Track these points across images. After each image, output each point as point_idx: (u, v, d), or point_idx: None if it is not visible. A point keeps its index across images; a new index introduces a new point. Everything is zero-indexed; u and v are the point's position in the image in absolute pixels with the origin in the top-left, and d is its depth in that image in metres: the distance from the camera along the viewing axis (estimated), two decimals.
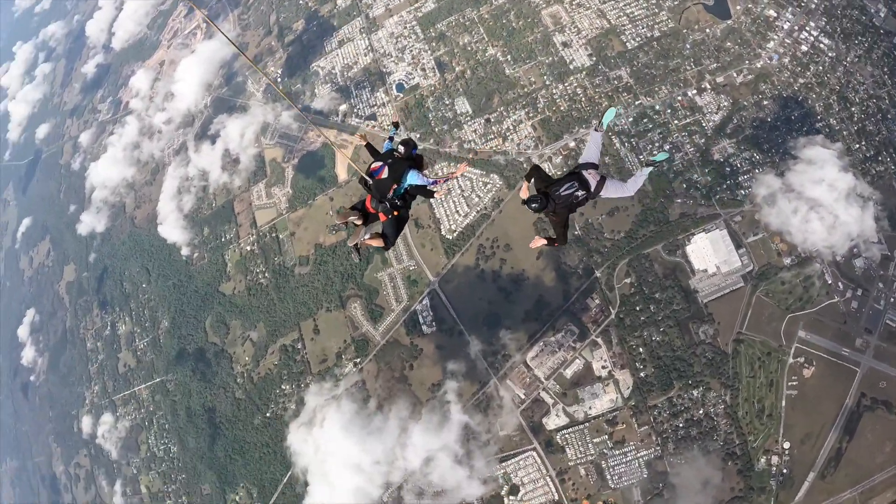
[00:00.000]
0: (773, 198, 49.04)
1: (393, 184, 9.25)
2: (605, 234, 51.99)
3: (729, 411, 47.21)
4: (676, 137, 52.31)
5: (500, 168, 56.17)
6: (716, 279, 49.24)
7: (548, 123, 55.68)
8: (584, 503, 50.66)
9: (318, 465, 55.51)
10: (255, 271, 61.08)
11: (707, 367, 48.01)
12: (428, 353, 54.45)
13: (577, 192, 9.23)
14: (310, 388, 56.51)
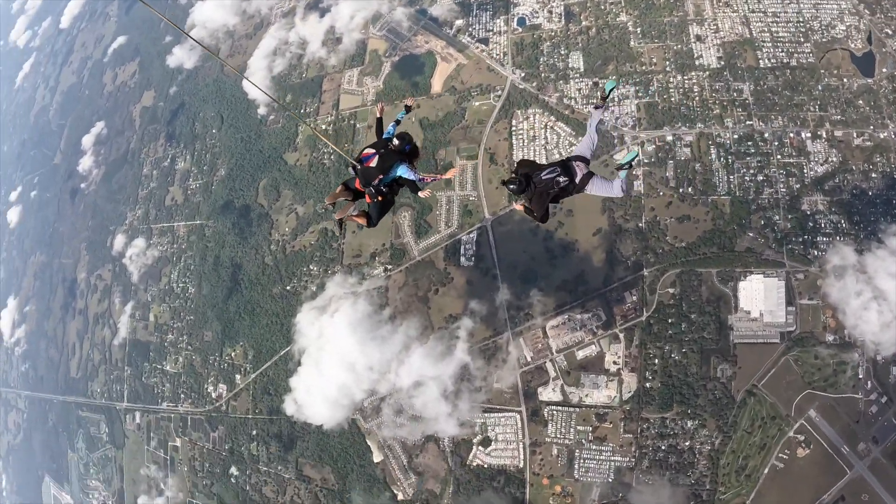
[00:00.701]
0: (842, 271, 48.60)
1: (380, 174, 9.94)
2: (668, 237, 52.87)
3: (713, 455, 48.76)
4: (774, 171, 52.11)
5: (584, 131, 56.80)
6: (754, 325, 49.85)
7: (653, 109, 55.89)
8: (545, 481, 53.76)
9: (315, 351, 60.15)
10: (322, 150, 64.65)
11: (711, 404, 49.34)
12: (456, 285, 57.23)
13: (559, 177, 9.77)
14: (335, 276, 60.55)
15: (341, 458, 59.77)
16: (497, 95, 60.60)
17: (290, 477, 62.59)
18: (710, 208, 51.81)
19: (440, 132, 61.04)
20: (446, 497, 55.85)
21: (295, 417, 61.01)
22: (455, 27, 64.87)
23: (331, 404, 58.05)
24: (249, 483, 65.31)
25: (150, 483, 76.47)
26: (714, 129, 54.02)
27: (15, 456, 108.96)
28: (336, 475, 60.12)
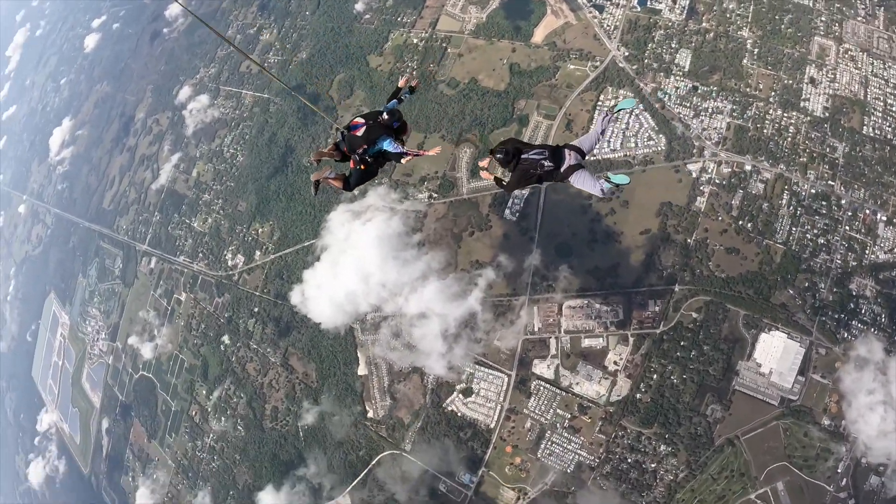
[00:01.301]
0: (864, 364, 48.74)
1: (364, 144, 10.84)
2: (711, 263, 53.39)
3: (672, 486, 50.63)
4: (836, 240, 51.94)
5: (671, 135, 56.98)
6: (760, 379, 50.74)
7: (742, 133, 55.71)
8: (508, 449, 56.31)
9: (337, 252, 63.24)
10: (407, 63, 66.27)
11: (690, 438, 50.98)
12: (492, 234, 59.16)
13: (544, 160, 10.21)
14: (379, 187, 63.06)
15: (328, 360, 63.66)
16: (594, 65, 60.76)
17: (276, 362, 67.24)
18: (762, 251, 52.12)
19: (526, 82, 61.84)
20: (412, 430, 59.29)
21: (298, 308, 64.98)
22: None
23: (335, 307, 61.45)
24: (237, 355, 70.29)
25: (145, 327, 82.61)
26: (795, 175, 53.81)
27: (29, 266, 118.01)
28: (318, 374, 64.15)
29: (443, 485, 58.17)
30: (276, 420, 66.82)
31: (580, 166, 10.51)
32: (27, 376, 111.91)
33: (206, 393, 72.76)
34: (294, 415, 65.42)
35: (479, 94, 62.89)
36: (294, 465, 65.54)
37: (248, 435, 68.69)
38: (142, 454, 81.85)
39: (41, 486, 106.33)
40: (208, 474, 73.04)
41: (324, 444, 63.78)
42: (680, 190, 55.37)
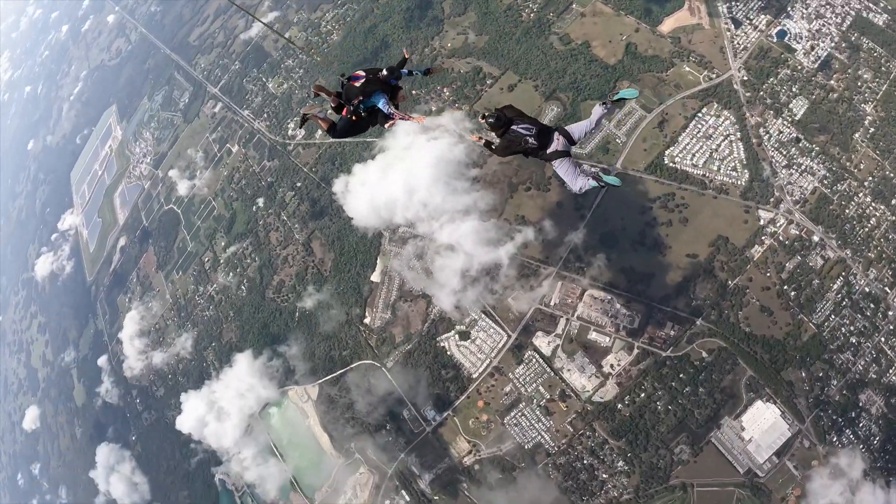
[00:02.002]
0: (839, 474, 49.44)
1: (359, 95, 11.51)
2: (741, 313, 53.50)
3: (614, 502, 53.75)
4: (867, 346, 51.48)
5: (756, 174, 56.31)
6: (737, 442, 52.01)
7: (824, 204, 54.46)
8: (479, 404, 59.08)
9: (393, 157, 65.67)
10: (528, 2, 66.97)
11: (649, 466, 53.03)
12: (548, 197, 60.66)
13: (529, 137, 10.67)
14: (457, 112, 64.85)
15: (347, 255, 67.08)
16: (709, 76, 59.95)
17: (299, 239, 71.21)
18: (794, 324, 52.12)
19: (636, 66, 61.54)
20: (400, 350, 62.64)
21: (337, 197, 68.28)
22: None
23: (372, 208, 64.26)
24: (265, 220, 74.57)
25: (190, 165, 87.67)
26: (857, 266, 53.04)
27: (100, 74, 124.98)
28: (333, 265, 67.78)
29: (407, 412, 61.82)
30: (279, 293, 71.15)
31: (567, 154, 10.77)
32: (65, 175, 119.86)
33: (224, 245, 77.52)
34: (296, 294, 69.46)
35: (586, 59, 63.10)
36: (279, 340, 70.16)
37: (249, 297, 73.41)
38: (145, 281, 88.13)
39: (43, 279, 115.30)
40: (199, 320, 78.58)
41: (313, 331, 67.81)
42: (741, 231, 55.26)
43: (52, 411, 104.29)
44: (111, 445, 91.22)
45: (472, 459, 58.75)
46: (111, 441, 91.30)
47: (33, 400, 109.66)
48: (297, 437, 68.77)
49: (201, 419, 73.97)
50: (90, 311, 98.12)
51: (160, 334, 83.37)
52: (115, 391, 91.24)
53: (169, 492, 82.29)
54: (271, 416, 71.22)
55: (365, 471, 63.94)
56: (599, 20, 64.74)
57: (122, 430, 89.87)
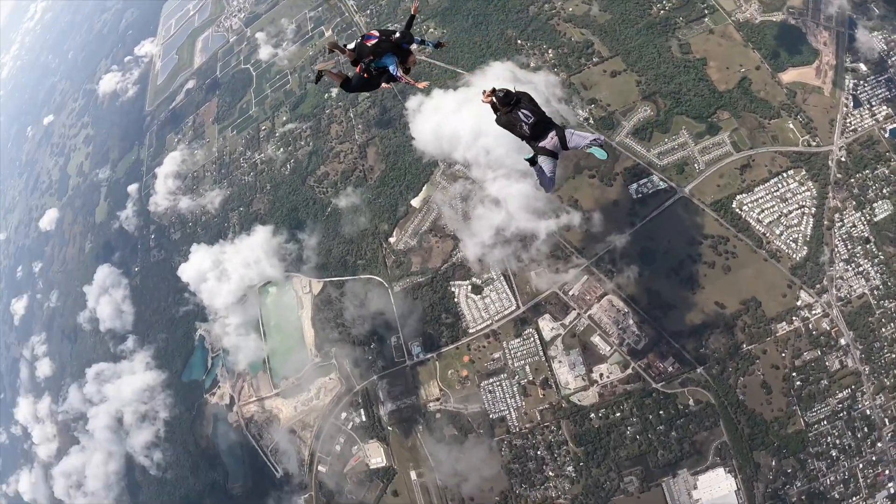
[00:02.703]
0: None
1: (370, 54, 12.28)
2: (741, 380, 53.48)
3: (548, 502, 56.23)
4: (844, 465, 51.58)
5: (813, 254, 55.06)
6: (684, 498, 53.26)
7: (865, 313, 53.05)
8: (465, 359, 61.57)
9: (474, 95, 66.19)
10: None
11: (593, 483, 55.15)
12: (607, 193, 60.91)
13: (525, 123, 11.24)
14: (553, 76, 65.80)
15: (397, 172, 69.47)
16: (808, 142, 58.62)
17: (357, 140, 73.75)
18: (786, 412, 52.66)
19: (743, 102, 60.33)
20: (412, 278, 65.08)
21: (406, 114, 70.31)
22: (858, 68, 61.42)
23: (436, 137, 66.01)
24: (332, 111, 77.23)
25: (279, 34, 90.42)
26: (868, 385, 52.00)
27: None
28: (380, 176, 70.18)
29: (395, 339, 64.60)
30: (320, 184, 74.12)
31: (554, 156, 11.32)
32: (158, 6, 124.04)
33: (285, 121, 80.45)
34: (335, 191, 72.43)
35: (698, 75, 62.22)
36: (302, 227, 73.45)
37: (289, 177, 76.61)
38: (199, 128, 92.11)
39: (104, 95, 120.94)
40: (235, 182, 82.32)
41: (337, 231, 70.79)
42: (776, 302, 54.00)
43: (70, 219, 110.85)
44: (113, 269, 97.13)
45: (436, 406, 61.42)
46: (114, 265, 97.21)
47: (57, 203, 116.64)
48: (284, 323, 72.47)
49: (203, 274, 78.26)
50: (138, 138, 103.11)
51: (195, 182, 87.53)
52: (135, 221, 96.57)
53: (150, 330, 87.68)
54: (269, 294, 75.00)
55: (335, 378, 67.37)
56: (725, 43, 63.62)
57: (127, 258, 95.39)
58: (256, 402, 72.15)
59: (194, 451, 79.00)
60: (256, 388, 72.83)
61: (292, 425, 69.14)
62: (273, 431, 70.28)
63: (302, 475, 68.22)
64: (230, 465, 75.09)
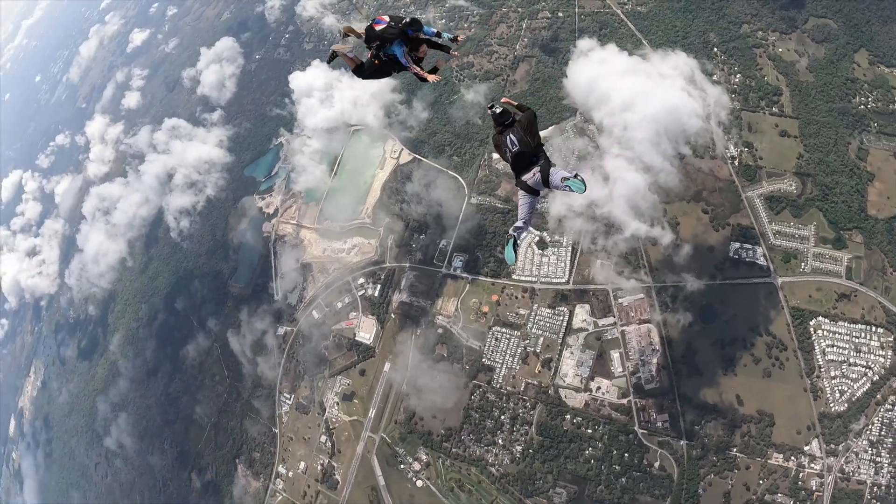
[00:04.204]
0: None
1: (377, 40, 12.33)
2: (711, 477, 54.02)
3: (480, 463, 60.22)
4: None
5: (853, 413, 52.89)
6: None
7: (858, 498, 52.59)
8: (494, 297, 64.61)
9: (644, 68, 67.85)
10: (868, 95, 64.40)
11: (524, 475, 58.44)
12: (710, 235, 60.51)
13: (508, 150, 11.07)
14: (724, 98, 65.24)
15: (533, 98, 70.78)
16: None
17: (516, 50, 75.97)
18: None
19: (881, 238, 57.12)
20: (491, 199, 68.28)
21: (573, 53, 71.60)
22: None
23: (588, 87, 67.41)
24: (510, 10, 79.24)
25: None
26: None
27: None
28: (518, 94, 71.47)
29: (444, 243, 68.16)
30: (461, 70, 76.98)
31: (535, 193, 11.25)
32: None
33: None
34: (470, 83, 75.52)
35: (857, 186, 59.05)
36: (422, 98, 77.63)
37: None
38: None
39: None
40: None
41: (450, 118, 74.82)
42: (787, 432, 54.17)
43: None
44: (236, 45, 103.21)
45: (443, 322, 65.01)
46: (239, 43, 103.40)
47: None
48: (358, 173, 76.83)
49: (311, 90, 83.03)
50: None
51: (350, 7, 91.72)
52: (278, 13, 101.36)
53: (239, 114, 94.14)
54: (359, 139, 79.24)
55: (373, 245, 71.76)
56: None
57: (254, 43, 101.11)
58: (295, 226, 77.78)
59: (218, 237, 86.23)
60: (301, 215, 78.34)
61: (313, 263, 74.68)
62: (293, 258, 75.94)
63: (294, 310, 74.27)
64: (241, 266, 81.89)
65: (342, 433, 66.75)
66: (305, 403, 70.00)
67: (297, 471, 68.47)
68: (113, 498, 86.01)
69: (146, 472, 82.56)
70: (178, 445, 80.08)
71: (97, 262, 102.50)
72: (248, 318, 77.38)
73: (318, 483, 66.61)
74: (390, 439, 64.04)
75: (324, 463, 66.99)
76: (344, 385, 68.11)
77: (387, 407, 65.21)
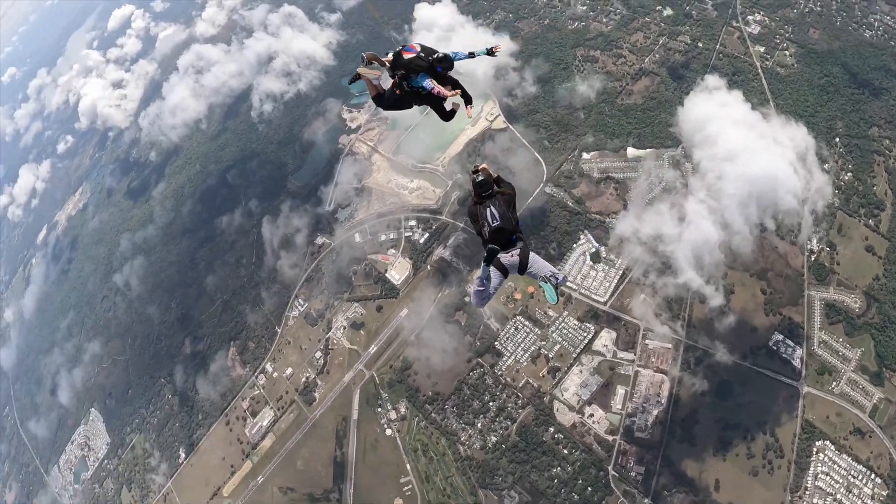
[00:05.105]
0: None
1: (403, 70, 11.86)
2: None
3: (459, 442, 61.91)
4: None
5: None
6: None
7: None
8: (530, 289, 65.39)
9: (761, 128, 67.24)
10: None
11: (486, 468, 60.34)
12: (757, 319, 60.72)
13: (487, 224, 10.63)
14: (824, 180, 64.51)
15: (640, 115, 72.05)
16: None
17: (643, 62, 76.13)
18: None
19: None
20: (564, 195, 69.43)
21: (700, 84, 71.60)
22: None
23: (696, 124, 67.96)
24: (653, 23, 79.29)
25: None
26: None
27: None
28: (627, 105, 72.98)
29: None
30: (584, 60, 78.49)
31: (504, 274, 10.68)
32: None
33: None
34: (585, 73, 77.13)
35: None
36: (536, 72, 78.87)
37: (570, 33, 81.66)
38: None
39: None
40: None
41: (555, 102, 76.24)
42: None
43: None
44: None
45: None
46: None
47: None
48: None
49: (432, 24, 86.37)
50: None
51: None
52: None
53: (357, 24, 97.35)
54: None
55: (437, 194, 74.25)
56: None
57: None
58: (370, 148, 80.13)
59: (294, 132, 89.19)
60: (380, 140, 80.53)
61: (373, 189, 77.10)
62: (356, 177, 78.58)
63: (338, 225, 76.92)
64: (305, 166, 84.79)
65: (337, 357, 69.34)
66: (315, 316, 72.59)
67: (283, 374, 71.42)
68: (107, 333, 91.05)
69: (145, 321, 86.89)
70: (183, 308, 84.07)
71: (174, 114, 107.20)
72: (291, 215, 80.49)
73: (297, 393, 69.52)
74: (379, 381, 66.21)
75: (309, 377, 69.76)
76: (357, 313, 70.45)
77: (388, 349, 67.31)
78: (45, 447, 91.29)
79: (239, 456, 70.22)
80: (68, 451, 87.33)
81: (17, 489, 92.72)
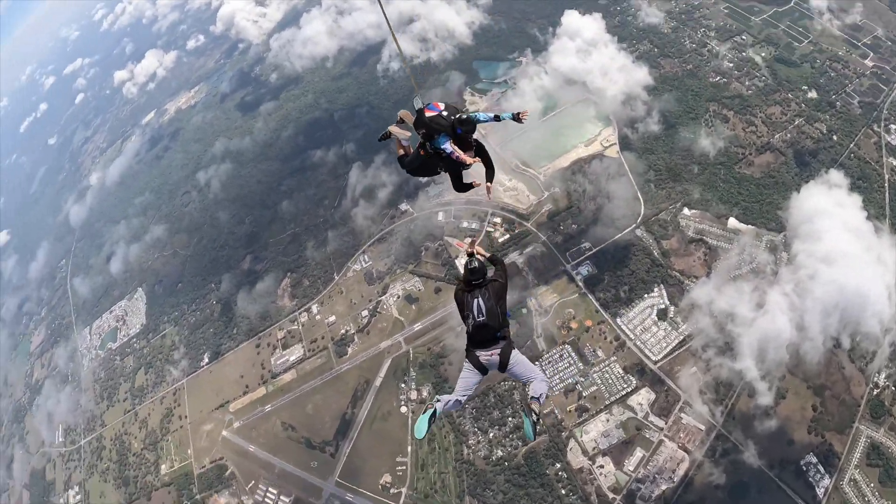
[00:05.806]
0: None
1: (424, 128, 11.31)
2: None
3: None
4: None
5: None
6: None
7: None
8: (588, 322, 65.78)
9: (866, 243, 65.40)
10: None
11: (477, 475, 61.39)
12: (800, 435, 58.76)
13: (470, 318, 10.10)
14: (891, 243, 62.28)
15: (766, 191, 70.92)
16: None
17: (772, 138, 75.03)
18: None
19: None
20: (649, 240, 69.44)
21: (824, 178, 69.74)
22: None
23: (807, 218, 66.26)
24: (799, 101, 77.89)
25: None
26: None
27: None
28: (752, 170, 72.63)
29: (587, 244, 70.35)
30: (723, 104, 79.02)
31: (482, 372, 10.11)
32: None
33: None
34: (715, 124, 77.21)
35: None
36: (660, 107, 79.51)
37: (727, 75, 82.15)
38: None
39: None
40: None
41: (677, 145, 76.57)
42: None
43: None
44: None
45: (531, 305, 67.95)
46: None
47: None
48: (563, 133, 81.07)
49: (576, 33, 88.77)
50: None
51: None
52: None
53: (504, 11, 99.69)
54: (585, 106, 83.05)
55: (530, 199, 75.84)
56: None
57: None
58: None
59: (412, 96, 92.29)
60: (491, 130, 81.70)
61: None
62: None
63: (423, 198, 79.59)
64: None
65: (382, 321, 71.52)
66: (375, 276, 75.13)
67: (326, 320, 74.34)
68: (178, 224, 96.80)
69: (216, 226, 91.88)
70: (255, 227, 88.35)
71: (305, 45, 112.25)
72: (382, 169, 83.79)
73: (332, 342, 72.25)
74: (413, 358, 67.94)
75: (348, 331, 72.29)
76: (415, 288, 72.47)
77: (432, 332, 68.94)
78: (83, 307, 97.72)
79: (257, 379, 73.33)
80: (104, 319, 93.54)
81: (45, 335, 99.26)
